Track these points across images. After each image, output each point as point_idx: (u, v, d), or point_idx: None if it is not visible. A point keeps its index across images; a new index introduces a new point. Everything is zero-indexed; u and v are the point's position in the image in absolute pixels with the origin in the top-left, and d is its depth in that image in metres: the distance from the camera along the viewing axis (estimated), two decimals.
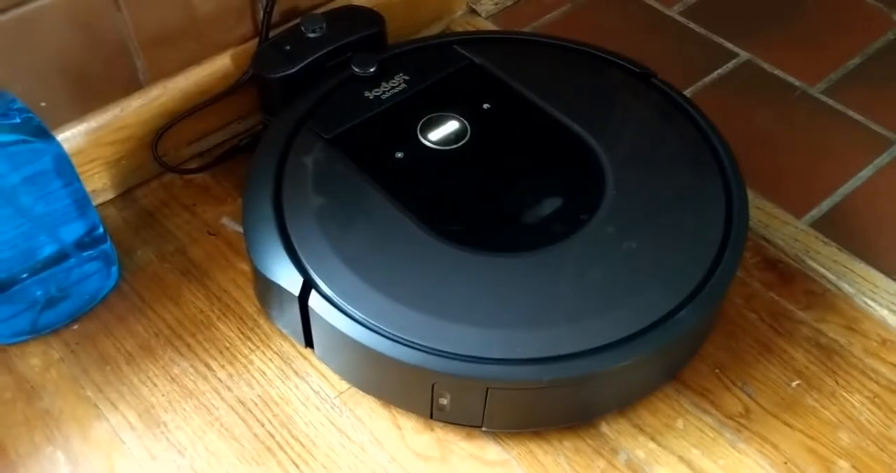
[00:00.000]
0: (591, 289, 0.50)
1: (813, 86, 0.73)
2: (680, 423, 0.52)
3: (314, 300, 0.49)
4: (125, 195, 0.64)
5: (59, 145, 0.50)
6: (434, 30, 0.76)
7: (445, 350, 0.47)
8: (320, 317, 0.49)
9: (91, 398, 0.53)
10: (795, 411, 0.53)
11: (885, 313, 0.57)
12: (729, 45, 0.76)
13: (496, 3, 0.79)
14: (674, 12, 0.79)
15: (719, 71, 0.74)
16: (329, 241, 0.51)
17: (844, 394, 0.53)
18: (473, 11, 0.78)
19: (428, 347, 0.47)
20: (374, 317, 0.48)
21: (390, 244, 0.51)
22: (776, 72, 0.74)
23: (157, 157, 0.62)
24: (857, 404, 0.53)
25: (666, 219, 0.53)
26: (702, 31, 0.77)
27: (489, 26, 0.78)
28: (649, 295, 0.49)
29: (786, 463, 0.50)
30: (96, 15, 0.54)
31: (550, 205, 0.54)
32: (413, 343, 0.47)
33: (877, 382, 0.54)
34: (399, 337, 0.48)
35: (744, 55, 0.75)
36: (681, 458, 0.51)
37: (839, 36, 0.77)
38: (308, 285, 0.50)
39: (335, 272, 0.50)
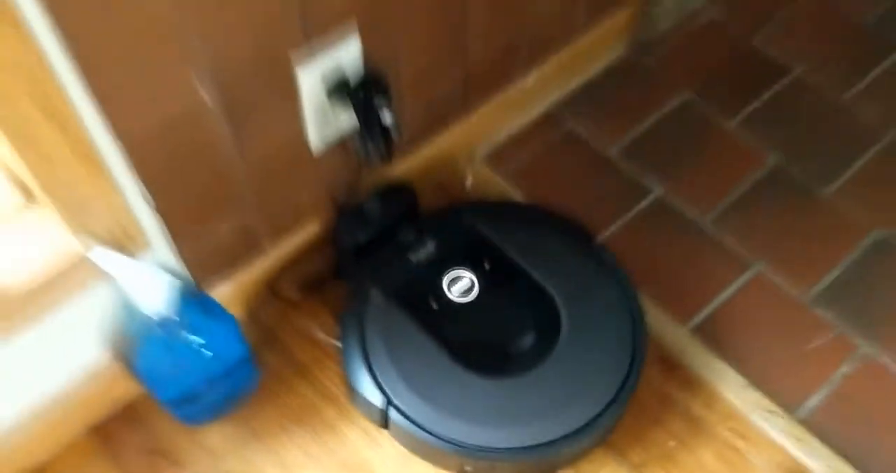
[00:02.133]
0: (552, 400, 0.85)
1: (704, 215, 1.06)
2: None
3: (392, 412, 0.84)
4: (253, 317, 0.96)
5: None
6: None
7: (467, 442, 0.83)
8: (394, 423, 0.84)
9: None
10: (671, 460, 0.89)
11: (731, 397, 0.93)
12: (646, 182, 1.08)
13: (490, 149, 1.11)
14: (612, 153, 1.12)
15: (637, 207, 1.07)
16: (397, 370, 0.85)
17: (702, 449, 0.90)
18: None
19: (456, 441, 0.83)
20: (426, 423, 0.83)
21: (434, 371, 0.86)
22: (678, 204, 1.07)
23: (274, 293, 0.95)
24: (710, 456, 0.90)
25: (595, 346, 0.88)
26: (628, 168, 1.10)
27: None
28: (585, 403, 0.85)
29: None
30: None
31: (528, 341, 0.89)
32: (448, 438, 0.83)
33: (723, 443, 0.91)
34: (439, 434, 0.83)
35: (657, 190, 1.08)
36: None
37: (727, 172, 1.10)
38: (388, 401, 0.84)
39: (401, 391, 0.84)
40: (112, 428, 0.90)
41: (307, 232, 0.95)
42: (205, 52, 0.66)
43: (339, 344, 0.91)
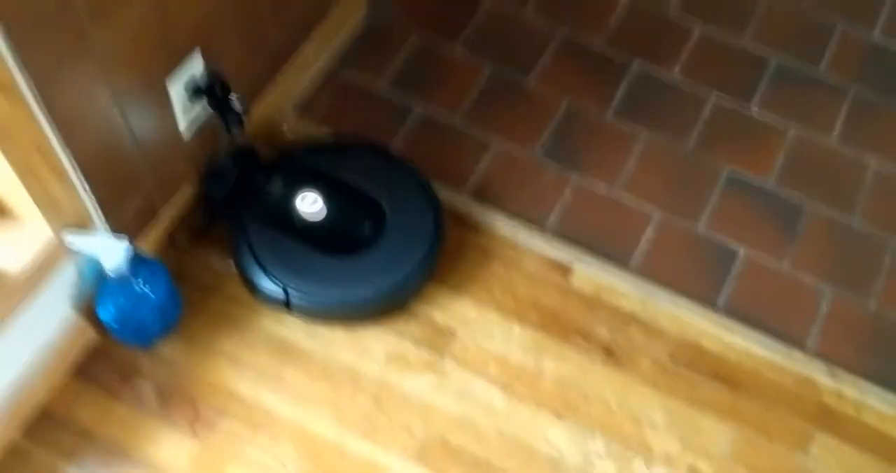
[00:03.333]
0: (394, 256, 1.27)
1: (454, 117, 1.50)
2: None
3: (291, 294, 1.23)
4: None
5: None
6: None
7: (343, 301, 1.24)
8: (294, 302, 1.23)
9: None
10: (476, 278, 1.35)
11: (502, 227, 1.40)
12: (408, 104, 1.51)
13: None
14: (380, 88, 1.52)
15: (408, 121, 1.49)
16: (283, 267, 1.24)
17: (494, 266, 1.36)
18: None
19: (334, 302, 1.23)
20: (312, 295, 1.23)
21: (307, 261, 1.25)
22: (434, 113, 1.50)
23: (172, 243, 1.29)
24: (498, 267, 1.36)
25: (411, 219, 1.31)
26: (394, 96, 1.51)
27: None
28: (413, 252, 1.28)
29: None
30: None
31: (366, 229, 1.30)
32: (328, 302, 1.23)
33: (505, 258, 1.37)
34: (322, 301, 1.23)
35: (418, 107, 1.51)
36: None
37: (460, 84, 1.54)
38: (285, 289, 1.23)
39: (291, 279, 1.23)
40: (90, 367, 1.22)
41: (186, 194, 1.29)
42: (113, 88, 0.99)
43: (232, 265, 1.28)
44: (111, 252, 1.06)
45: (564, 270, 1.37)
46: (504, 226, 1.40)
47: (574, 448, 1.23)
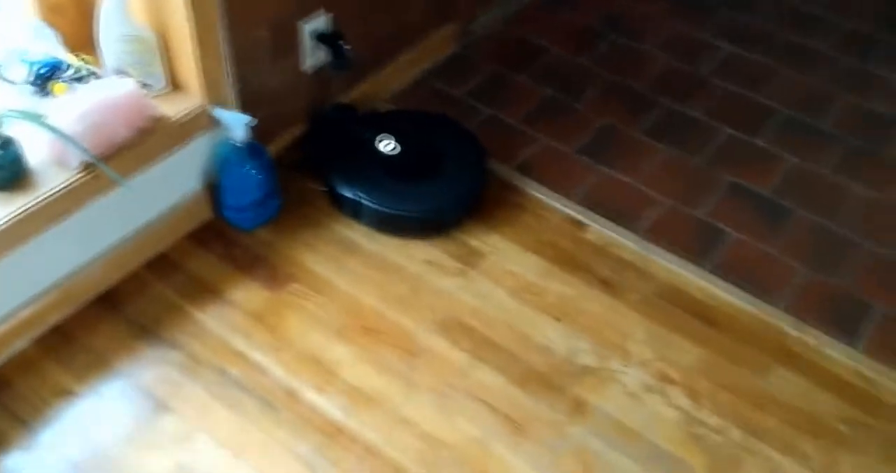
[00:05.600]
0: (446, 190, 1.64)
1: (519, 120, 1.91)
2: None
3: (363, 202, 1.60)
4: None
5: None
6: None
7: (404, 212, 1.60)
8: (364, 210, 1.60)
9: None
10: (498, 229, 1.69)
11: (538, 194, 1.74)
12: (479, 107, 1.93)
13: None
14: (459, 95, 1.96)
15: (478, 118, 1.91)
16: (360, 184, 1.62)
17: (521, 216, 1.70)
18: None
19: (397, 209, 1.60)
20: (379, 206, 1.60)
21: (380, 181, 1.63)
22: (500, 116, 1.92)
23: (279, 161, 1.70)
24: (528, 217, 1.70)
25: (459, 175, 1.68)
26: (471, 102, 1.94)
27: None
28: (459, 189, 1.64)
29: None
30: None
31: (424, 169, 1.68)
32: (391, 211, 1.60)
33: (531, 212, 1.71)
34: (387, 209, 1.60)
35: (486, 111, 1.92)
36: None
37: (523, 98, 1.96)
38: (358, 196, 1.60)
39: (365, 191, 1.61)
40: (201, 233, 1.60)
41: (297, 123, 1.72)
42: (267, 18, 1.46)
43: (322, 185, 1.67)
44: (239, 123, 1.48)
45: (581, 226, 1.69)
46: (537, 191, 1.75)
47: (564, 342, 1.49)
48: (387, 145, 1.68)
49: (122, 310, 1.47)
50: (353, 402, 1.37)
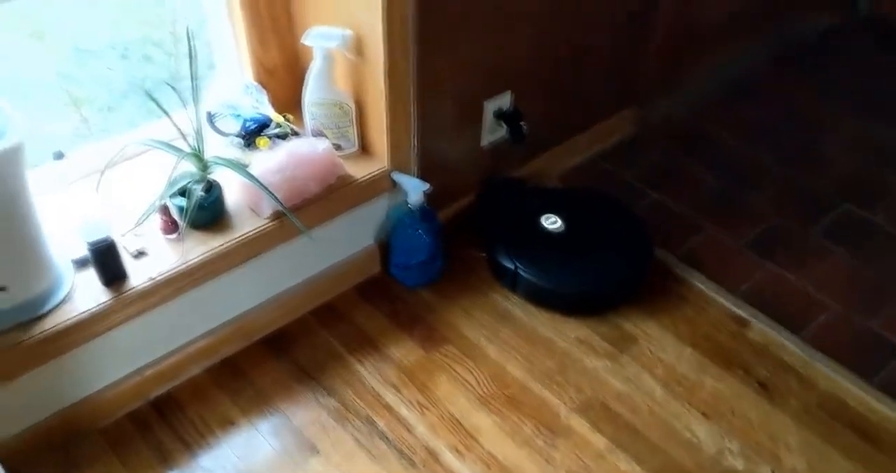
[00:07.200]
0: (604, 270, 1.66)
1: (689, 207, 1.91)
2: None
3: (520, 274, 1.64)
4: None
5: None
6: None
7: (560, 290, 1.63)
8: (520, 282, 1.64)
9: None
10: (668, 314, 1.67)
11: (701, 286, 1.72)
12: (647, 190, 1.94)
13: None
14: (628, 177, 1.98)
15: (644, 202, 1.92)
16: (521, 255, 1.67)
17: (684, 309, 1.68)
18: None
19: (555, 287, 1.63)
20: (537, 280, 1.64)
21: (542, 254, 1.67)
22: (667, 201, 1.92)
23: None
24: (689, 311, 1.68)
25: (621, 258, 1.70)
26: (637, 183, 1.96)
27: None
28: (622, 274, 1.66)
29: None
30: None
31: (586, 249, 1.71)
32: (549, 287, 1.63)
33: (693, 306, 1.69)
34: (545, 285, 1.63)
35: (652, 195, 1.93)
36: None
37: (688, 181, 1.96)
38: (515, 267, 1.65)
39: (524, 263, 1.65)
40: (368, 287, 1.69)
41: (468, 193, 1.79)
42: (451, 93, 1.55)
43: (483, 253, 1.73)
44: (416, 189, 1.57)
45: (743, 323, 1.66)
46: (700, 282, 1.73)
47: (711, 441, 1.45)
48: (552, 222, 1.72)
49: (287, 352, 1.57)
50: (489, 471, 1.39)
